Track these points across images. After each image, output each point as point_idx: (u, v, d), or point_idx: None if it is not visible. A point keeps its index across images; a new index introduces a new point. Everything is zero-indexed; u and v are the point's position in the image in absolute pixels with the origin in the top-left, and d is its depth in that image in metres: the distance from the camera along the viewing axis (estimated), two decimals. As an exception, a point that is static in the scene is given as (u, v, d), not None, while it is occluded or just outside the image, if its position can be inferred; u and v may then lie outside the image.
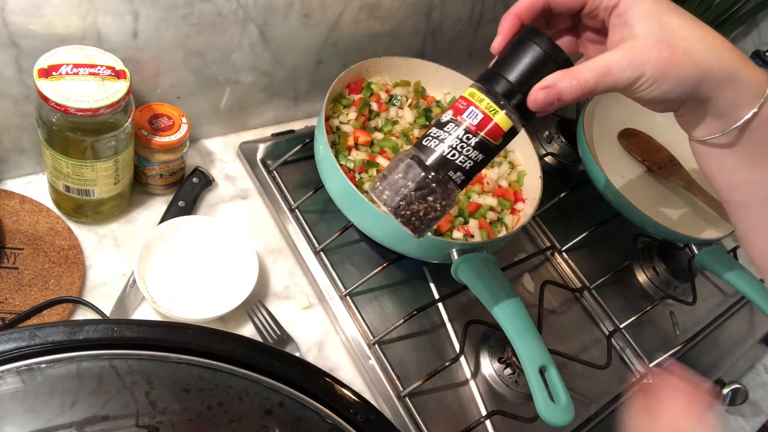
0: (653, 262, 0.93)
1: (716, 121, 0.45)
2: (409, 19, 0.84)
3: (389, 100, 0.80)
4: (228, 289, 0.69)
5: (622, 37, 0.43)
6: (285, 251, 0.77)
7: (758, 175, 0.45)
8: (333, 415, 0.53)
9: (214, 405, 0.50)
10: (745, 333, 0.96)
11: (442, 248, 0.67)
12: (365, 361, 0.70)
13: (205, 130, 0.82)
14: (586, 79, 0.43)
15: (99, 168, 0.63)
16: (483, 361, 0.75)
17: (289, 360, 0.55)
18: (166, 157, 0.71)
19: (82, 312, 0.65)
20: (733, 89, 0.42)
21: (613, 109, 0.94)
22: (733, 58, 0.42)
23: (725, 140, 0.45)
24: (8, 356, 0.46)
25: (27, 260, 0.65)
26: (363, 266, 0.76)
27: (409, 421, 0.67)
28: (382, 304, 0.75)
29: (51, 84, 0.55)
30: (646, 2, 0.43)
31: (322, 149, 0.70)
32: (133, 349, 0.50)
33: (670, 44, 0.42)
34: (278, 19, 0.72)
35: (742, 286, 0.80)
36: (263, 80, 0.80)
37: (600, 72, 0.42)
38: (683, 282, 0.91)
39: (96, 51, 0.59)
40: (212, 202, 0.78)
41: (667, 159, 0.92)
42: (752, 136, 0.44)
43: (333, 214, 0.78)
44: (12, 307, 0.62)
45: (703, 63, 0.42)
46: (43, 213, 0.69)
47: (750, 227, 0.48)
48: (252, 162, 0.81)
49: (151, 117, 0.70)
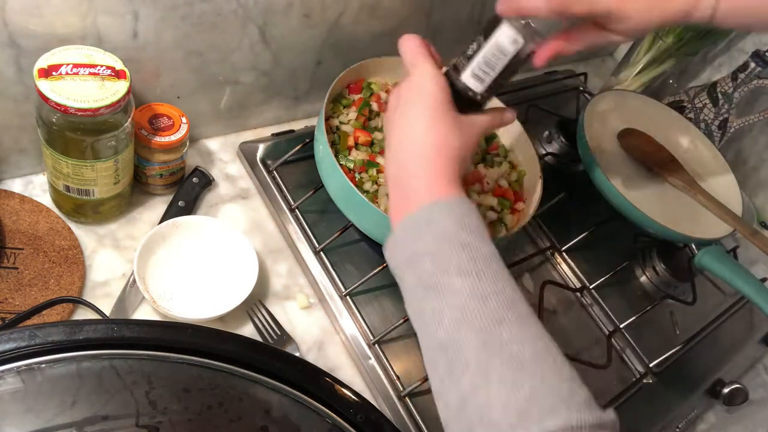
0: (653, 262, 0.93)
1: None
2: (409, 19, 0.84)
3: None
4: (228, 289, 0.69)
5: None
6: (285, 251, 0.77)
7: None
8: (333, 415, 0.53)
9: (214, 405, 0.50)
10: (745, 333, 0.96)
11: (442, 248, 0.67)
12: (365, 361, 0.70)
13: (205, 130, 0.82)
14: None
15: (99, 168, 0.63)
16: (483, 361, 0.75)
17: (289, 360, 0.55)
18: (166, 157, 0.71)
19: (82, 312, 0.65)
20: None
21: (613, 109, 0.94)
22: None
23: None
24: (8, 356, 0.46)
25: (27, 260, 0.65)
26: (363, 266, 0.76)
27: (409, 421, 0.67)
28: (382, 304, 0.75)
29: (51, 84, 0.55)
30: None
31: (322, 149, 0.70)
32: (133, 349, 0.50)
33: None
34: (278, 19, 0.72)
35: (742, 286, 0.80)
36: (263, 80, 0.80)
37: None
38: (683, 282, 0.91)
39: (96, 51, 0.59)
40: (212, 202, 0.78)
41: (667, 159, 0.92)
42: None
43: (333, 214, 0.77)
44: (12, 307, 0.62)
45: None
46: (43, 213, 0.69)
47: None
48: (252, 162, 0.81)
49: (151, 117, 0.70)
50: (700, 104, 1.01)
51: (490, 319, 0.42)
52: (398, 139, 0.53)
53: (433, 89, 0.52)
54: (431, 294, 0.45)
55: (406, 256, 0.48)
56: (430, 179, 0.49)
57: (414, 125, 0.52)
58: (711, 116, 1.00)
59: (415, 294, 0.47)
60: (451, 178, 0.50)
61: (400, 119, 0.53)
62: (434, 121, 0.51)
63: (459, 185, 0.50)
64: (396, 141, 0.53)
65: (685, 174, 0.91)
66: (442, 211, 0.47)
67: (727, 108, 0.99)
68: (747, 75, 0.96)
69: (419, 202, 0.48)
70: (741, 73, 0.97)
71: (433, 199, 0.48)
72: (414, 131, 0.51)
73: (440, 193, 0.48)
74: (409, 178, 0.50)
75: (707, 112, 1.00)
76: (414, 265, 0.46)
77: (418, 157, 0.51)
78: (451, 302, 0.43)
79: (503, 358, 0.40)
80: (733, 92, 0.98)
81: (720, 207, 0.85)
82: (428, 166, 0.50)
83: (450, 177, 0.50)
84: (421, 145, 0.51)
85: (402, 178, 0.51)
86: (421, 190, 0.49)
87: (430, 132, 0.51)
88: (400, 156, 0.52)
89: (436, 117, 0.51)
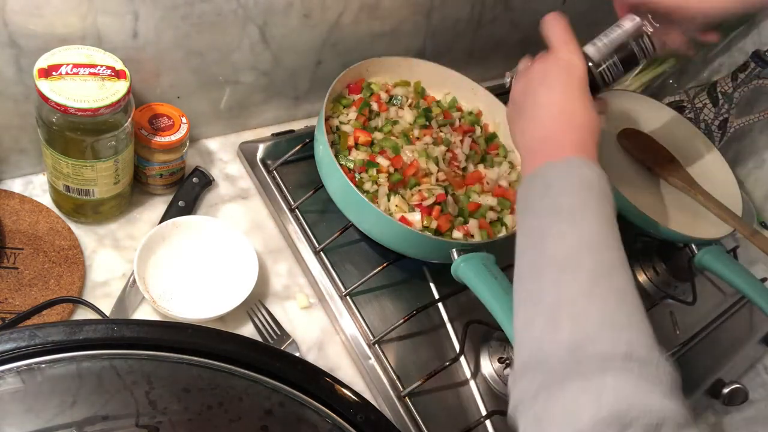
0: (653, 262, 0.93)
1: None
2: (409, 19, 0.84)
3: (389, 100, 0.80)
4: (228, 289, 0.69)
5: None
6: (285, 251, 0.77)
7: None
8: (333, 415, 0.53)
9: (214, 405, 0.50)
10: (745, 333, 0.96)
11: (442, 248, 0.67)
12: (365, 361, 0.70)
13: (205, 130, 0.82)
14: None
15: (99, 168, 0.63)
16: (483, 361, 0.75)
17: (289, 360, 0.55)
18: (166, 157, 0.71)
19: (82, 312, 0.65)
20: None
21: (613, 109, 0.94)
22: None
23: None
24: (8, 356, 0.46)
25: (27, 260, 0.65)
26: (363, 266, 0.76)
27: (409, 421, 0.67)
28: (382, 304, 0.75)
29: (51, 84, 0.55)
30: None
31: (322, 149, 0.70)
32: (133, 349, 0.50)
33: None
34: (278, 19, 0.72)
35: (742, 286, 0.80)
36: (263, 80, 0.80)
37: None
38: (683, 282, 0.91)
39: (96, 51, 0.59)
40: (212, 202, 0.78)
41: (667, 159, 0.92)
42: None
43: (333, 214, 0.77)
44: (12, 307, 0.62)
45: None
46: (43, 213, 0.69)
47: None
48: (252, 162, 0.81)
49: (151, 117, 0.70)
50: (700, 104, 1.01)
51: (609, 259, 0.46)
52: (541, 107, 0.56)
53: (583, 71, 0.56)
54: (562, 223, 0.47)
55: (545, 189, 0.50)
56: (576, 144, 0.53)
57: (563, 98, 0.55)
58: (711, 116, 1.00)
59: (540, 220, 0.49)
60: (591, 148, 0.53)
61: (546, 91, 0.56)
62: (580, 99, 0.55)
63: (596, 156, 0.54)
64: (538, 108, 0.56)
65: (685, 174, 0.91)
66: (588, 166, 0.51)
67: (727, 108, 0.99)
68: (747, 75, 0.96)
69: (563, 154, 0.52)
70: (741, 73, 0.97)
71: (578, 156, 0.51)
72: (562, 102, 0.55)
73: (584, 155, 0.52)
74: (558, 143, 0.53)
75: (707, 112, 1.00)
76: (551, 197, 0.49)
77: (567, 127, 0.54)
78: (582, 233, 0.47)
79: (612, 288, 0.44)
80: (733, 92, 0.98)
81: (720, 207, 0.85)
82: (579, 139, 0.53)
83: (590, 148, 0.53)
84: (570, 116, 0.54)
85: (542, 138, 0.55)
86: (567, 149, 0.52)
87: (586, 111, 0.55)
88: (545, 120, 0.55)
89: (581, 95, 0.55)
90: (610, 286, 0.44)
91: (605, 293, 0.43)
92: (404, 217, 0.69)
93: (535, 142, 0.55)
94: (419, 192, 0.72)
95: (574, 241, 0.46)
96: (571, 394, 0.39)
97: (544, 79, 0.57)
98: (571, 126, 0.54)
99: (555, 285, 0.45)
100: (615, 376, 0.39)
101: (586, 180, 0.50)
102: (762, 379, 0.97)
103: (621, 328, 0.42)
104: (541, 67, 0.58)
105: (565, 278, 0.45)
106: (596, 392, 0.38)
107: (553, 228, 0.48)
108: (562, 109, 0.55)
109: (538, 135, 0.55)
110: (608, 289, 0.44)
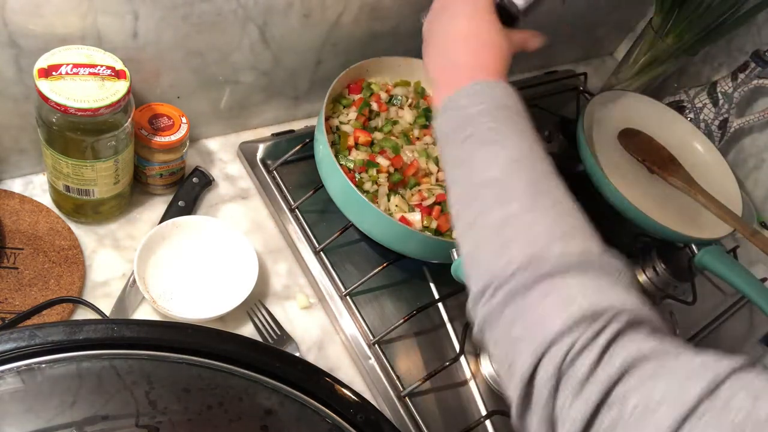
0: (653, 262, 0.93)
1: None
2: (409, 19, 0.84)
3: (389, 100, 0.80)
4: (228, 289, 0.69)
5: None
6: (285, 251, 0.77)
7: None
8: (333, 415, 0.53)
9: (214, 405, 0.50)
10: (745, 333, 0.96)
11: (442, 248, 0.67)
12: (365, 361, 0.70)
13: (205, 130, 0.82)
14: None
15: (99, 168, 0.63)
16: (483, 361, 0.75)
17: (289, 360, 0.55)
18: (166, 157, 0.71)
19: (82, 312, 0.65)
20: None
21: (613, 109, 0.94)
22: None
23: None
24: (8, 356, 0.46)
25: (27, 260, 0.65)
26: (363, 266, 0.76)
27: (409, 421, 0.67)
28: (382, 304, 0.75)
29: (51, 84, 0.55)
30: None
31: (322, 149, 0.70)
32: (133, 349, 0.50)
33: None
34: (278, 19, 0.72)
35: (742, 286, 0.80)
36: (263, 80, 0.80)
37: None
38: (683, 282, 0.91)
39: (96, 51, 0.59)
40: (212, 202, 0.78)
41: (667, 159, 0.92)
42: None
43: (333, 214, 0.77)
44: (12, 307, 0.62)
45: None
46: (43, 213, 0.69)
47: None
48: (252, 162, 0.81)
49: (151, 117, 0.70)
50: (700, 104, 1.01)
51: (541, 172, 0.46)
52: (445, 34, 0.56)
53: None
54: (487, 146, 0.47)
55: (461, 117, 0.50)
56: (483, 67, 0.53)
57: (466, 23, 0.55)
58: (711, 116, 1.00)
59: (464, 149, 0.49)
60: (500, 69, 0.53)
61: (449, 19, 0.56)
62: (485, 22, 0.55)
63: (506, 77, 0.53)
64: (442, 36, 0.56)
65: (685, 174, 0.91)
66: (497, 86, 0.51)
67: (727, 108, 0.99)
68: (747, 75, 0.96)
69: (471, 79, 0.51)
70: (741, 73, 0.96)
71: (486, 79, 0.51)
72: (465, 27, 0.55)
73: (492, 77, 0.52)
74: (465, 69, 0.53)
75: (707, 112, 1.00)
76: (469, 124, 0.49)
77: (472, 50, 0.54)
78: (508, 151, 0.47)
79: (551, 200, 0.45)
80: (733, 92, 0.98)
81: (720, 207, 0.85)
82: (480, 58, 0.53)
83: (499, 68, 0.53)
84: (475, 40, 0.55)
85: (448, 66, 0.54)
86: (474, 72, 0.52)
87: (482, 30, 0.55)
88: (449, 47, 0.55)
89: (486, 19, 0.55)
90: (548, 197, 0.45)
91: (546, 206, 0.44)
92: (404, 217, 0.69)
93: (443, 72, 0.55)
94: (419, 192, 0.72)
95: (502, 161, 0.46)
96: (537, 301, 0.40)
97: (447, 7, 0.57)
98: (475, 49, 0.54)
99: (495, 206, 0.45)
100: (575, 276, 0.40)
101: (498, 100, 0.50)
102: (762, 379, 0.97)
103: (570, 237, 0.42)
104: (440, 1, 0.58)
105: (503, 197, 0.45)
106: (563, 294, 0.39)
107: (478, 153, 0.48)
108: (466, 35, 0.55)
109: (444, 63, 0.55)
110: (547, 201, 0.44)
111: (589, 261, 0.41)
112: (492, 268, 0.43)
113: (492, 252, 0.43)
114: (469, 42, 0.55)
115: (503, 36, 0.55)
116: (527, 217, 0.43)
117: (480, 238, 0.45)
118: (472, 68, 0.53)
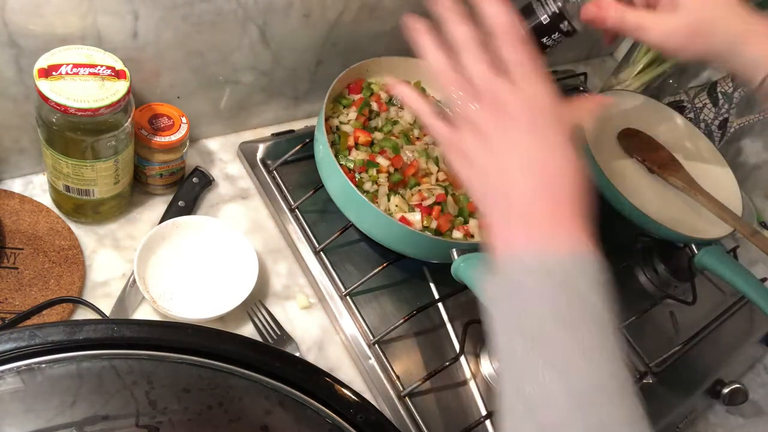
0: (653, 262, 0.93)
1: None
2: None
3: (389, 100, 0.80)
4: (228, 289, 0.69)
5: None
6: (285, 251, 0.77)
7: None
8: (333, 415, 0.53)
9: (214, 405, 0.50)
10: (745, 333, 0.96)
11: (442, 248, 0.67)
12: (365, 361, 0.70)
13: (205, 130, 0.82)
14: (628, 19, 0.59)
15: (99, 168, 0.63)
16: (483, 361, 0.75)
17: (289, 360, 0.55)
18: (166, 157, 0.71)
19: (82, 312, 0.65)
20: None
21: (613, 109, 0.94)
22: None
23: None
24: (8, 356, 0.46)
25: (27, 260, 0.65)
26: (363, 266, 0.76)
27: (409, 421, 0.67)
28: (382, 304, 0.75)
29: (51, 84, 0.55)
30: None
31: (322, 149, 0.70)
32: (133, 349, 0.50)
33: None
34: (278, 19, 0.72)
35: (742, 286, 0.80)
36: (263, 80, 0.80)
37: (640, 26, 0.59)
38: (683, 282, 0.91)
39: (96, 51, 0.59)
40: (212, 202, 0.78)
41: (667, 159, 0.92)
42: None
43: (333, 214, 0.77)
44: (12, 307, 0.62)
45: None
46: (43, 213, 0.69)
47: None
48: (252, 162, 0.81)
49: (151, 117, 0.70)
50: (700, 104, 1.01)
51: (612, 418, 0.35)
52: (513, 162, 0.43)
53: (550, 94, 0.45)
54: (550, 371, 0.36)
55: (521, 302, 0.39)
56: (562, 222, 0.41)
57: (541, 146, 0.43)
58: (711, 116, 1.00)
59: (519, 351, 0.38)
60: (578, 214, 0.41)
61: (509, 134, 0.43)
62: (566, 143, 0.43)
63: (585, 226, 0.41)
64: (524, 161, 0.43)
65: (685, 174, 0.91)
66: (584, 267, 0.39)
67: (727, 108, 0.99)
68: (747, 75, 0.96)
69: (541, 244, 0.40)
70: (741, 73, 0.96)
71: (567, 250, 0.40)
72: (540, 154, 0.43)
73: (574, 242, 0.40)
74: (532, 217, 0.41)
75: (707, 112, 1.00)
76: (532, 319, 0.38)
77: (549, 193, 0.42)
78: (575, 383, 0.36)
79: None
80: (733, 92, 0.98)
81: (720, 207, 0.85)
82: (560, 209, 0.42)
83: (577, 214, 0.41)
84: (556, 177, 0.42)
85: (520, 213, 0.42)
86: (544, 228, 0.41)
87: (564, 159, 0.43)
88: (512, 185, 0.43)
89: (563, 134, 0.43)
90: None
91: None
92: (404, 217, 0.69)
93: (499, 210, 0.43)
94: (419, 192, 0.72)
95: (563, 400, 0.35)
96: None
97: (497, 116, 0.44)
98: (545, 187, 0.41)
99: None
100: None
101: (581, 293, 0.37)
102: (762, 379, 0.97)
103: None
104: (519, 103, 0.44)
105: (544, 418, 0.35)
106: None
107: (527, 361, 0.37)
108: (530, 161, 0.42)
109: (502, 202, 0.42)
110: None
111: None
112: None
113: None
114: (536, 174, 0.41)
115: (577, 157, 0.42)
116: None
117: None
118: (542, 219, 0.40)
